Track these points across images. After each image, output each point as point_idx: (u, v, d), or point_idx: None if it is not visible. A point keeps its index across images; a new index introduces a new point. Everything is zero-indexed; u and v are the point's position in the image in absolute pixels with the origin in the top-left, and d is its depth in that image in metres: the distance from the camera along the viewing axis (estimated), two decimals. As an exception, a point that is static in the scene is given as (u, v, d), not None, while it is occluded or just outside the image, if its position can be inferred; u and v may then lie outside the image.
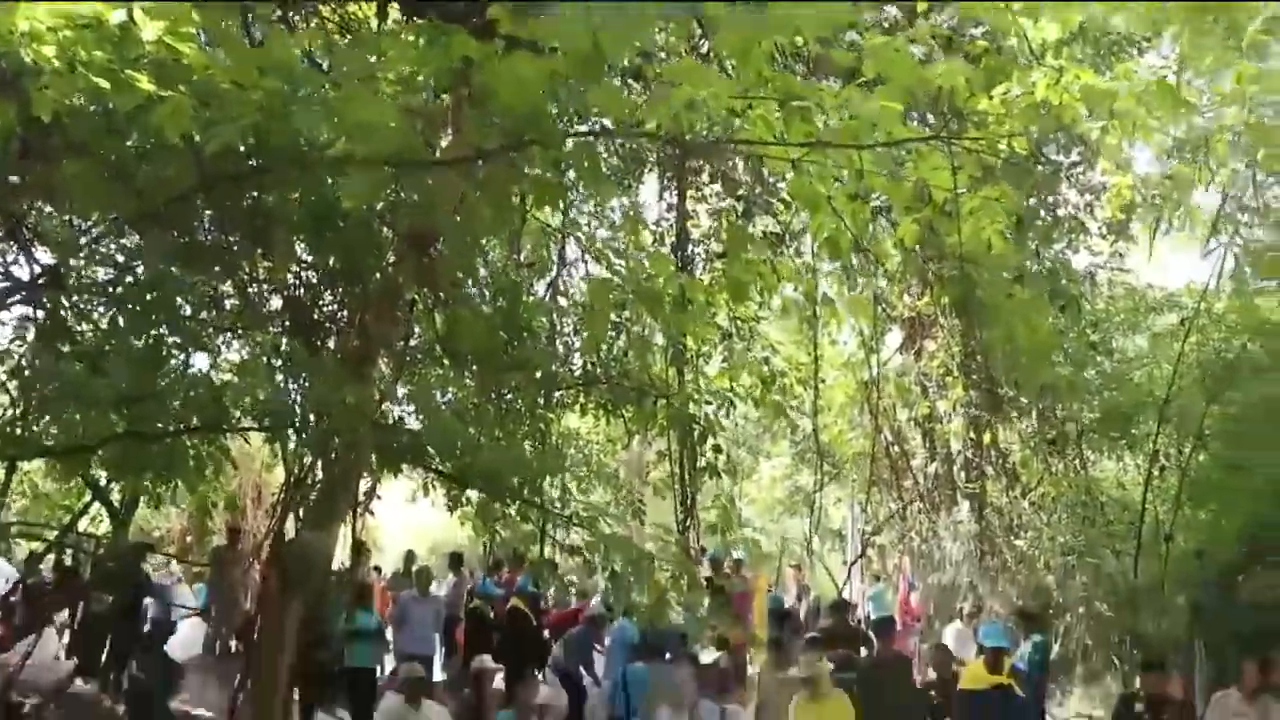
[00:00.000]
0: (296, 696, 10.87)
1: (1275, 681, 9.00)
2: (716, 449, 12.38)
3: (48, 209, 7.72)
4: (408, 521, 23.79)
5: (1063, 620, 14.54)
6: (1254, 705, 8.72)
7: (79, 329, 7.11)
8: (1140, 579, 13.74)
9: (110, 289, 7.16)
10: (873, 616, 14.08)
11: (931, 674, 10.44)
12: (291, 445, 8.41)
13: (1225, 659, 11.65)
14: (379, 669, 12.37)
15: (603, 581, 5.92)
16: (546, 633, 13.85)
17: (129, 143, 6.08)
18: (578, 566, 9.77)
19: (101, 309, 7.29)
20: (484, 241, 9.01)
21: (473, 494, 9.05)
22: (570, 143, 5.35)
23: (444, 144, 6.59)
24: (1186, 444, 14.44)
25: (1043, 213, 15.88)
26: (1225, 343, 14.35)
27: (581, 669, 12.37)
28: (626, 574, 5.79)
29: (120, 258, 7.34)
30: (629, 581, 5.85)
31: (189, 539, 20.32)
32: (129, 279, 7.11)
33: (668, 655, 9.61)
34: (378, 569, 17.04)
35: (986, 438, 16.36)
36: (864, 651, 10.63)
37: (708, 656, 9.63)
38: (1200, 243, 14.72)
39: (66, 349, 6.61)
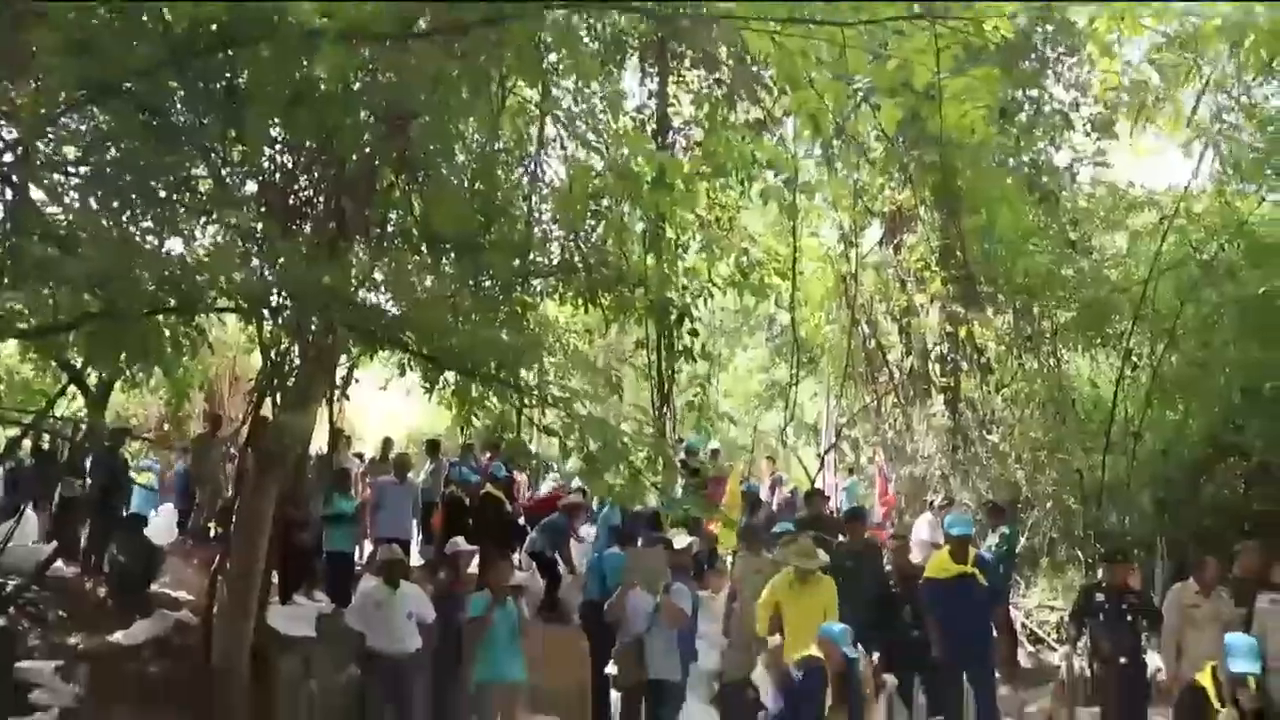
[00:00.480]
0: (276, 580, 11.04)
1: (1230, 576, 9.24)
2: (693, 333, 12.40)
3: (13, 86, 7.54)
4: (386, 410, 23.99)
5: (1030, 514, 14.80)
6: (1207, 598, 8.95)
7: (49, 209, 7.00)
8: (1107, 476, 13.98)
9: (80, 168, 7.03)
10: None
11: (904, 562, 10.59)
12: (268, 329, 8.39)
13: (1185, 556, 11.90)
14: (357, 553, 12.54)
15: (578, 462, 5.92)
16: (522, 519, 14.06)
17: (94, 19, 5.91)
18: (553, 450, 9.91)
19: (74, 192, 7.17)
20: (462, 123, 8.86)
21: (450, 377, 9.09)
22: (550, 17, 5.24)
23: (422, 21, 6.44)
24: (1160, 343, 14.58)
25: (1027, 107, 15.78)
26: (1203, 243, 14.38)
27: (556, 555, 12.57)
28: (602, 455, 5.83)
29: (90, 138, 7.19)
30: (604, 463, 5.90)
31: (166, 426, 20.41)
32: (99, 158, 6.97)
33: (639, 541, 9.76)
34: (359, 456, 17.16)
35: (963, 333, 16.43)
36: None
37: (681, 541, 9.77)
38: (1183, 141, 14.62)
39: (37, 233, 6.51)
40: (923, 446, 16.47)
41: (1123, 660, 8.69)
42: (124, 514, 11.98)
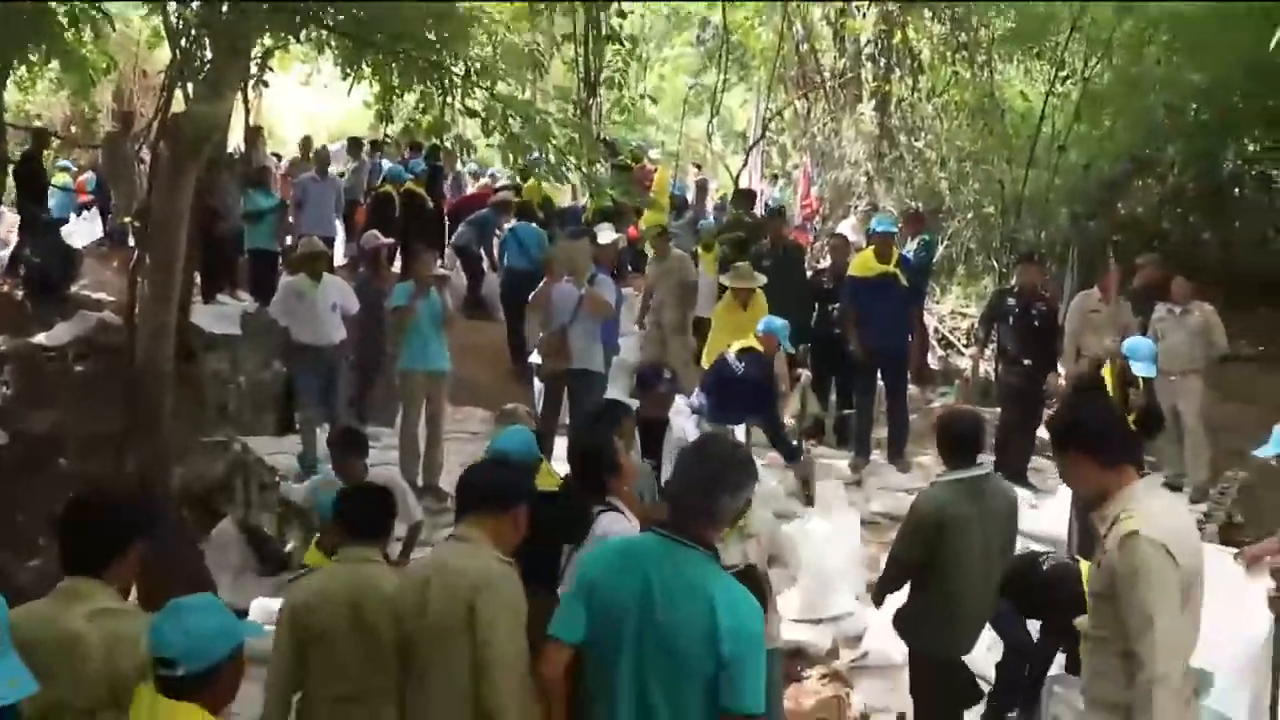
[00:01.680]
0: (198, 280, 10.96)
1: (1131, 287, 9.57)
2: (621, 14, 11.95)
3: None
4: (305, 112, 23.38)
5: (951, 223, 15.04)
6: (1109, 306, 9.32)
7: None
8: (1029, 188, 14.16)
9: None
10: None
11: (826, 261, 10.82)
12: (174, 13, 7.98)
13: (1094, 268, 12.26)
14: (279, 252, 12.45)
15: (499, 140, 5.81)
16: (448, 217, 14.04)
17: None
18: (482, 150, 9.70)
19: None
20: None
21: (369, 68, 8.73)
22: None
23: None
24: (1094, 57, 14.45)
25: None
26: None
27: (482, 251, 12.63)
28: (524, 134, 5.73)
29: None
30: (527, 144, 5.81)
31: (74, 128, 19.68)
32: None
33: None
34: (277, 156, 16.77)
35: (897, 37, 16.13)
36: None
37: (606, 236, 9.85)
38: None
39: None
40: (849, 152, 16.45)
41: (1026, 362, 9.07)
42: (42, 217, 11.70)
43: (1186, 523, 3.34)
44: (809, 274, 11.11)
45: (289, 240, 12.13)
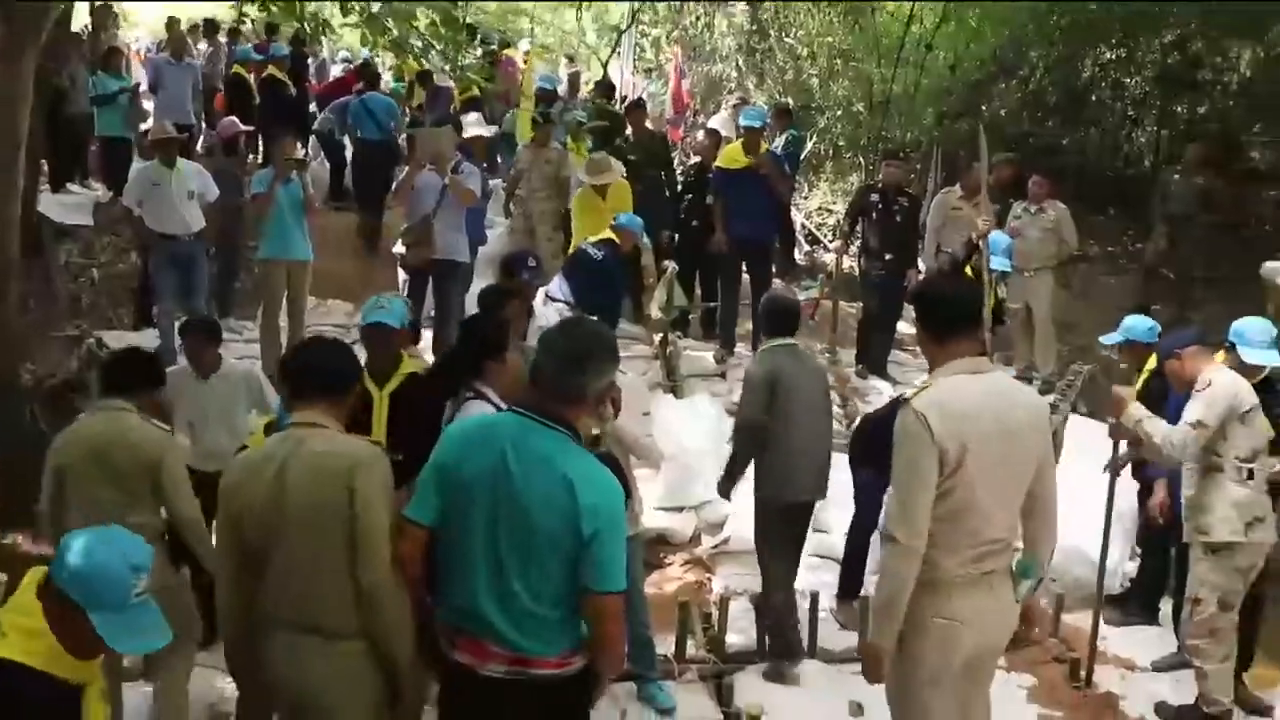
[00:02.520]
0: (46, 169, 10.48)
1: (992, 183, 9.81)
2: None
3: None
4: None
5: (821, 118, 15.14)
6: (969, 203, 9.57)
7: None
8: (897, 87, 14.30)
9: None
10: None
11: (695, 158, 10.81)
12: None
13: (956, 168, 12.52)
14: (133, 139, 11.93)
15: (357, 20, 5.59)
16: (313, 105, 13.63)
17: None
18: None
19: None
20: None
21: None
22: None
23: None
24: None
25: None
26: None
27: (345, 139, 12.33)
28: (385, 11, 5.54)
29: None
30: (386, 26, 5.63)
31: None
32: None
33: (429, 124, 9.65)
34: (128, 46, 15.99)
35: (769, -69, 15.99)
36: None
37: (474, 128, 9.71)
38: None
39: None
40: (720, 46, 16.36)
41: (888, 257, 9.27)
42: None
43: (975, 402, 3.34)
44: (680, 167, 11.12)
45: (144, 127, 11.63)
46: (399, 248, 8.47)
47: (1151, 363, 5.81)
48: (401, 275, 8.53)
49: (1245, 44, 12.96)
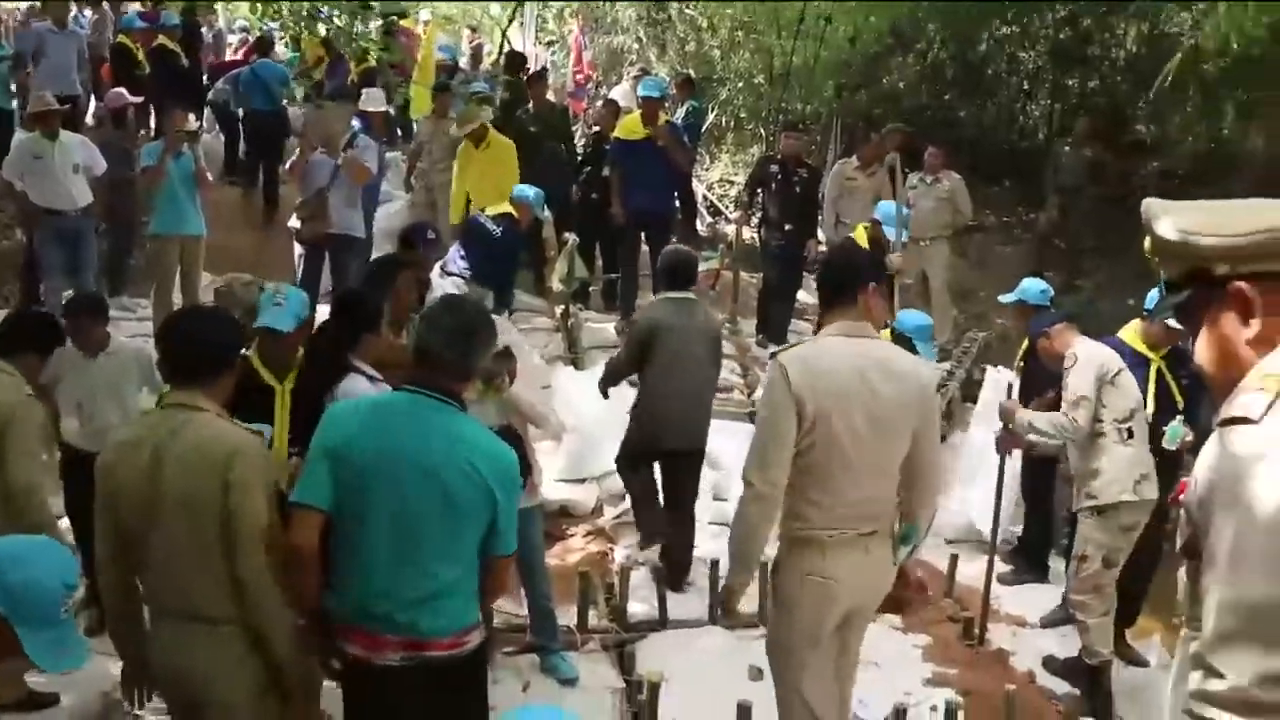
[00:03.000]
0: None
1: (885, 153, 9.95)
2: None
3: None
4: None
5: (722, 90, 15.20)
6: (865, 174, 9.72)
7: None
8: (797, 59, 14.40)
9: None
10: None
11: (595, 128, 10.76)
12: None
13: (855, 139, 12.69)
14: (14, 110, 11.48)
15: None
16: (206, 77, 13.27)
17: None
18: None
19: None
20: None
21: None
22: None
23: None
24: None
25: None
26: None
27: (240, 111, 12.05)
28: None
29: None
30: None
31: None
32: None
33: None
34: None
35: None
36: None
37: (373, 103, 9.56)
38: None
39: None
40: (621, 17, 16.31)
41: (788, 227, 9.36)
42: None
43: (844, 363, 3.41)
44: (582, 139, 11.07)
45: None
46: (294, 222, 8.33)
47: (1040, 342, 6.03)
48: (298, 250, 8.38)
49: (1131, 21, 13.26)
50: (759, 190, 9.79)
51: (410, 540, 2.96)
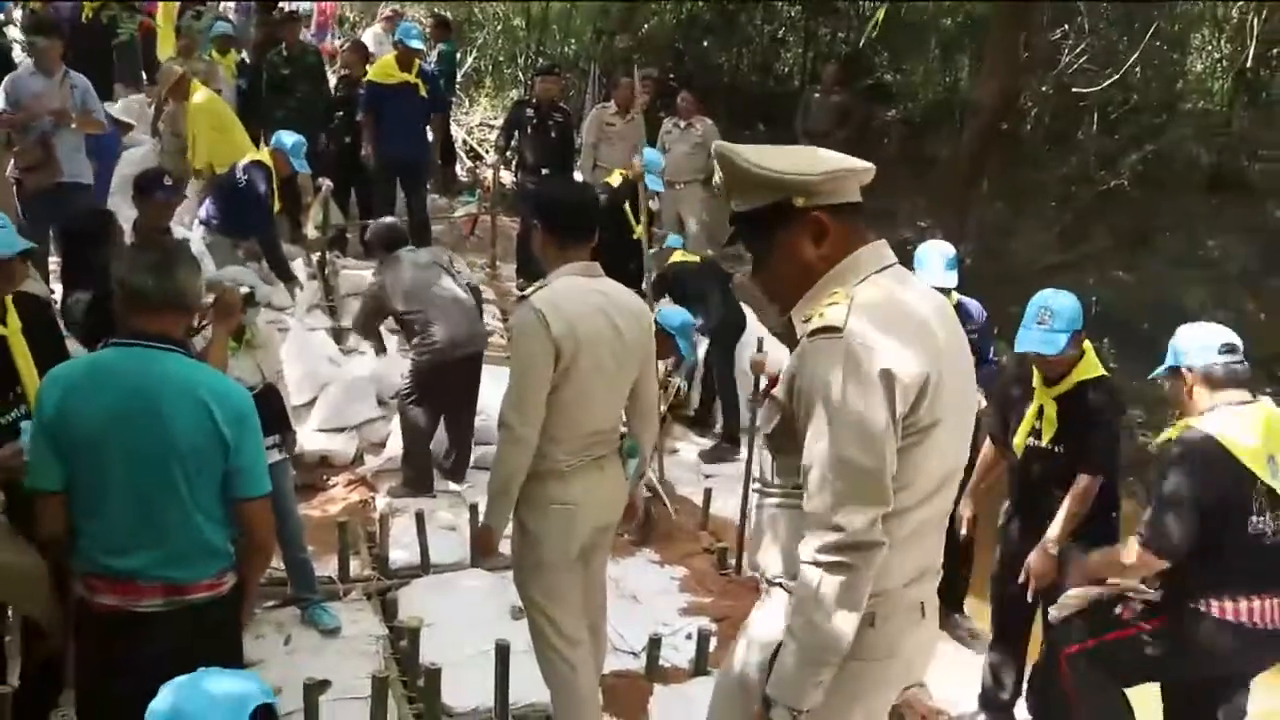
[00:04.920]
0: None
1: (639, 98, 10.08)
2: None
3: None
4: None
5: (481, 34, 15.02)
6: (623, 119, 9.83)
7: None
8: (555, 3, 14.39)
9: None
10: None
11: (345, 71, 10.41)
12: None
13: (613, 86, 12.73)
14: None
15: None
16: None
17: None
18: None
19: None
20: None
21: None
22: None
23: None
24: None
25: None
26: None
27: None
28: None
29: None
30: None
31: None
32: None
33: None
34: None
35: None
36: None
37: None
38: None
39: None
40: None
41: (544, 171, 9.38)
42: None
43: (589, 302, 3.48)
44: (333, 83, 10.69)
45: None
46: (13, 171, 7.62)
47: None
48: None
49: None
50: (514, 134, 9.76)
51: (150, 494, 2.85)
